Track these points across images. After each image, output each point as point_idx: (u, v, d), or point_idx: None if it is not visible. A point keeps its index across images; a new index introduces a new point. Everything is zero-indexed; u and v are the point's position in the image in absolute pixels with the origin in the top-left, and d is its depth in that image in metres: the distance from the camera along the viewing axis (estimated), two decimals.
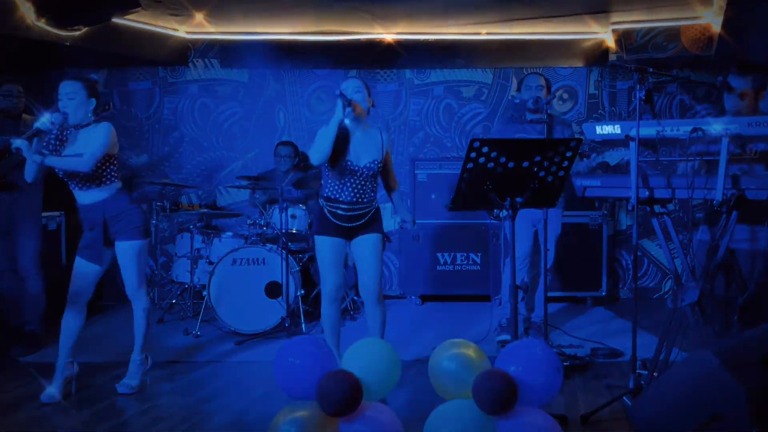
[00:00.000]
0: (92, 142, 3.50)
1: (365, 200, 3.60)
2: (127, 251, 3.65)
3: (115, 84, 6.63)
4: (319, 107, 6.60)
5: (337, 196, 3.58)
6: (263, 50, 6.10)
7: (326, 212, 3.61)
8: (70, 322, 3.69)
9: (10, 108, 4.66)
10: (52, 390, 3.58)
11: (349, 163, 3.55)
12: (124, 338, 4.92)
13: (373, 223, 3.65)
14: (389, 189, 3.83)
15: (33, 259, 4.65)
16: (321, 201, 3.65)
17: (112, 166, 3.60)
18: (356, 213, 3.59)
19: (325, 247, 3.62)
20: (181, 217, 5.71)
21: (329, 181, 3.61)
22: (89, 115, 3.58)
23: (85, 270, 3.66)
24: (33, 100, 6.06)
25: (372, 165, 3.58)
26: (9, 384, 3.89)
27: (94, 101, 3.60)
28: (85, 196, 3.61)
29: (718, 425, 2.32)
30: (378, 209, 3.70)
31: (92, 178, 3.55)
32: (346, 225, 3.59)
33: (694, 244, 3.42)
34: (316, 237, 3.66)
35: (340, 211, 3.58)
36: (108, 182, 3.60)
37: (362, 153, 3.58)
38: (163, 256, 6.34)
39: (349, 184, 3.57)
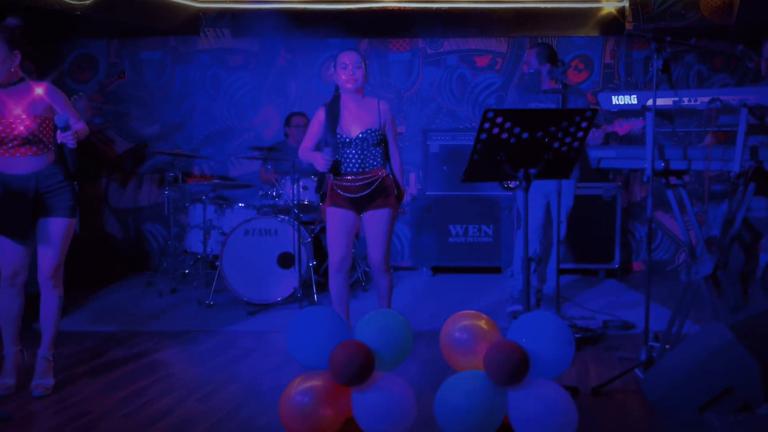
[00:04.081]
0: (61, 104, 3.17)
1: (369, 168, 3.60)
2: (55, 229, 3.21)
3: (126, 54, 6.60)
4: (331, 77, 6.54)
5: (342, 168, 3.60)
6: (274, 19, 6.03)
7: (334, 185, 3.64)
8: (7, 305, 3.28)
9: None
10: (6, 380, 3.27)
11: (339, 136, 3.58)
12: (136, 308, 4.98)
13: (382, 194, 3.63)
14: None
15: None
16: (328, 174, 3.66)
17: (50, 132, 3.19)
18: (363, 182, 3.59)
19: (333, 218, 3.65)
20: (193, 188, 5.72)
21: (329, 154, 3.63)
22: (14, 70, 3.13)
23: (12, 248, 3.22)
24: (44, 72, 6.05)
25: (366, 135, 3.59)
26: (29, 351, 3.94)
27: (18, 54, 3.13)
28: (18, 164, 3.16)
29: (730, 399, 2.31)
30: (388, 178, 3.68)
31: (32, 142, 3.15)
32: (355, 196, 3.59)
33: (718, 216, 3.37)
34: (326, 209, 3.67)
35: (346, 183, 3.59)
36: (46, 150, 3.22)
37: (354, 124, 3.60)
38: (176, 226, 6.37)
39: (348, 155, 3.59)
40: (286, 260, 4.93)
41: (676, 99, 3.08)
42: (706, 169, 3.00)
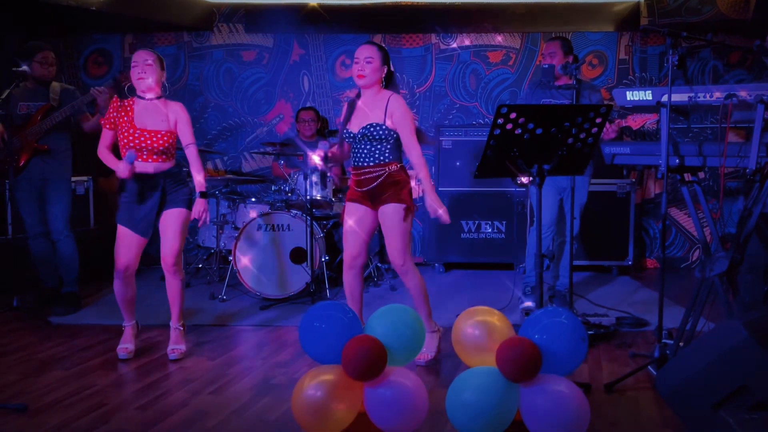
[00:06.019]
0: (183, 123, 3.70)
1: (371, 163, 3.52)
2: (176, 219, 3.68)
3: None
4: (344, 73, 6.55)
5: (351, 163, 3.63)
6: (288, 14, 6.05)
7: (351, 180, 3.65)
8: (121, 291, 3.74)
9: (45, 75, 4.66)
10: (128, 345, 3.76)
11: (345, 132, 3.57)
12: (149, 302, 5.01)
13: (392, 188, 3.50)
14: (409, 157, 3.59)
15: (65, 223, 4.71)
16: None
17: (175, 142, 3.76)
18: (367, 177, 3.53)
19: (348, 213, 3.62)
20: (206, 183, 5.74)
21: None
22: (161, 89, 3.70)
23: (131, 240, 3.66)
24: (60, 67, 6.09)
25: (365, 131, 3.48)
26: (45, 343, 3.99)
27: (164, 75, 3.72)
28: (151, 168, 3.65)
29: (745, 397, 2.30)
30: (399, 173, 3.52)
31: (163, 153, 3.66)
32: (363, 189, 3.57)
33: (733, 213, 3.35)
34: (345, 204, 3.68)
35: (355, 177, 3.60)
36: (173, 157, 3.75)
37: (358, 120, 3.55)
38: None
39: (355, 150, 3.57)
40: (298, 255, 4.95)
41: (692, 95, 3.05)
42: (722, 166, 2.98)
